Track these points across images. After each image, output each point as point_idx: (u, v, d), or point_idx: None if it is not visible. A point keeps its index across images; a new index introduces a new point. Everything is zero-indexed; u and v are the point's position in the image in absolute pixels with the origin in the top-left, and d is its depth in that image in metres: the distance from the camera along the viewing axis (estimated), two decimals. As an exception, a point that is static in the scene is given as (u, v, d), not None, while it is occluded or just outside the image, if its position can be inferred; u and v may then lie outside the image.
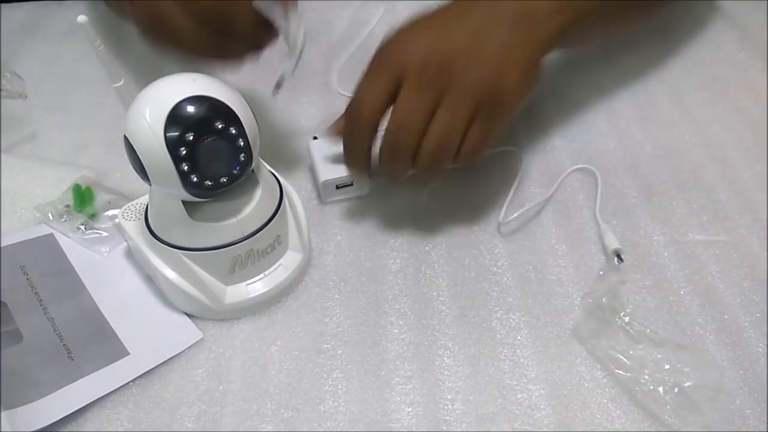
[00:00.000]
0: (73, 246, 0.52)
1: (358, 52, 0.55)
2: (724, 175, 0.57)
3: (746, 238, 0.52)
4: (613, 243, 0.51)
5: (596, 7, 0.52)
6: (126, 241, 0.51)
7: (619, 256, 0.50)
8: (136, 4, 0.49)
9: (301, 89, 0.65)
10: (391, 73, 0.46)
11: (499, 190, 0.55)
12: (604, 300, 0.46)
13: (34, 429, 0.41)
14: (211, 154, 0.41)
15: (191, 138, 0.40)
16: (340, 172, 0.53)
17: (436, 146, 0.46)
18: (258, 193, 0.46)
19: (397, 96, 0.46)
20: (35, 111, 0.64)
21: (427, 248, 0.52)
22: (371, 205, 0.55)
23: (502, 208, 0.53)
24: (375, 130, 0.48)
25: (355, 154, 0.49)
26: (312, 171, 0.56)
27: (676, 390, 0.42)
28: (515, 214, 0.53)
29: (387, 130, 0.46)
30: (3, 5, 0.77)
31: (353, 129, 0.48)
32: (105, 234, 0.52)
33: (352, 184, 0.54)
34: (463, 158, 0.47)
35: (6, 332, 0.46)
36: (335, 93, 0.65)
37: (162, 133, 0.40)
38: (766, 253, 0.51)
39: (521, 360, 0.45)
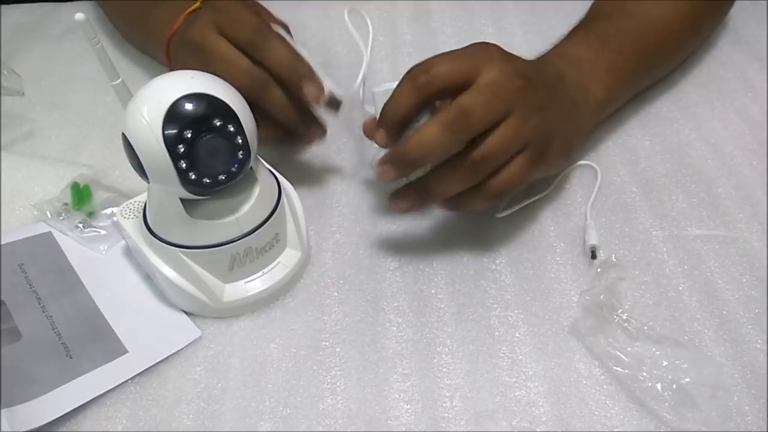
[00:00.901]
0: (72, 244, 0.52)
1: (357, 49, 0.55)
2: (724, 170, 0.57)
3: (745, 233, 0.52)
4: (591, 239, 0.51)
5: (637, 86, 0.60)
6: (124, 239, 0.51)
7: (593, 253, 0.50)
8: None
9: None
10: (477, 58, 0.45)
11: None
12: (602, 297, 0.46)
13: (33, 427, 0.41)
14: (209, 152, 0.41)
15: (189, 135, 0.40)
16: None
17: (487, 152, 0.44)
18: (256, 191, 0.46)
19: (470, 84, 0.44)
20: (34, 109, 0.64)
21: (425, 246, 0.52)
22: (370, 203, 0.55)
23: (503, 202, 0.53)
24: (430, 92, 0.44)
25: (405, 96, 0.45)
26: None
27: (674, 387, 0.42)
28: (514, 208, 0.53)
29: (457, 102, 0.43)
30: (3, 6, 0.76)
31: (416, 82, 0.44)
32: (103, 232, 0.52)
33: None
34: (495, 187, 0.46)
35: (4, 330, 0.46)
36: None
37: (160, 131, 0.40)
38: (765, 249, 0.51)
39: (519, 357, 0.45)
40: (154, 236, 0.46)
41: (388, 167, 0.46)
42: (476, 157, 0.44)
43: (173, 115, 0.40)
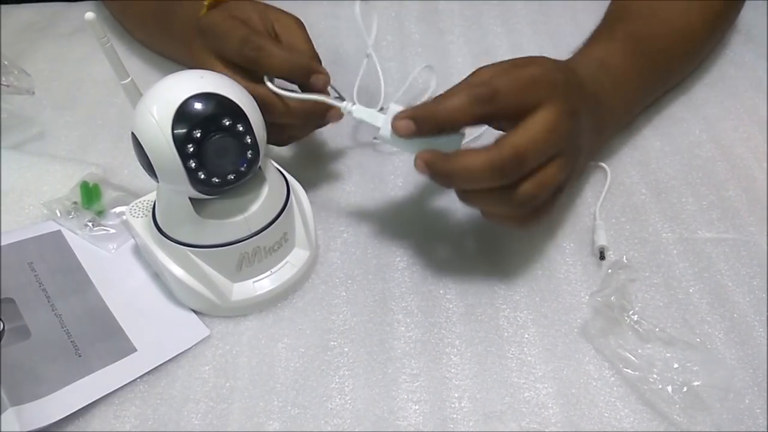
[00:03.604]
0: (81, 243, 0.52)
1: (365, 48, 0.55)
2: (734, 173, 0.57)
3: (756, 236, 0.52)
4: (599, 240, 0.50)
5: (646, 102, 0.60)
6: (133, 238, 0.51)
7: (602, 254, 0.50)
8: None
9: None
10: (540, 89, 0.43)
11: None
12: (612, 298, 0.46)
13: (41, 425, 0.41)
14: (218, 151, 0.41)
15: (199, 135, 0.40)
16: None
17: (532, 189, 0.43)
18: (265, 191, 0.46)
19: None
20: (44, 111, 0.64)
21: (433, 246, 0.52)
22: (378, 203, 0.55)
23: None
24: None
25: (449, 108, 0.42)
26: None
27: (685, 389, 0.42)
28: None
29: (514, 145, 0.41)
30: (12, 5, 0.77)
31: (479, 108, 0.42)
32: (112, 231, 0.53)
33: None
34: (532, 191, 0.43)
35: (14, 329, 0.46)
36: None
37: (169, 130, 0.40)
38: (776, 252, 0.50)
39: (529, 358, 0.45)
40: (163, 235, 0.46)
41: (421, 164, 0.43)
42: (520, 195, 0.42)
43: (182, 115, 0.40)
